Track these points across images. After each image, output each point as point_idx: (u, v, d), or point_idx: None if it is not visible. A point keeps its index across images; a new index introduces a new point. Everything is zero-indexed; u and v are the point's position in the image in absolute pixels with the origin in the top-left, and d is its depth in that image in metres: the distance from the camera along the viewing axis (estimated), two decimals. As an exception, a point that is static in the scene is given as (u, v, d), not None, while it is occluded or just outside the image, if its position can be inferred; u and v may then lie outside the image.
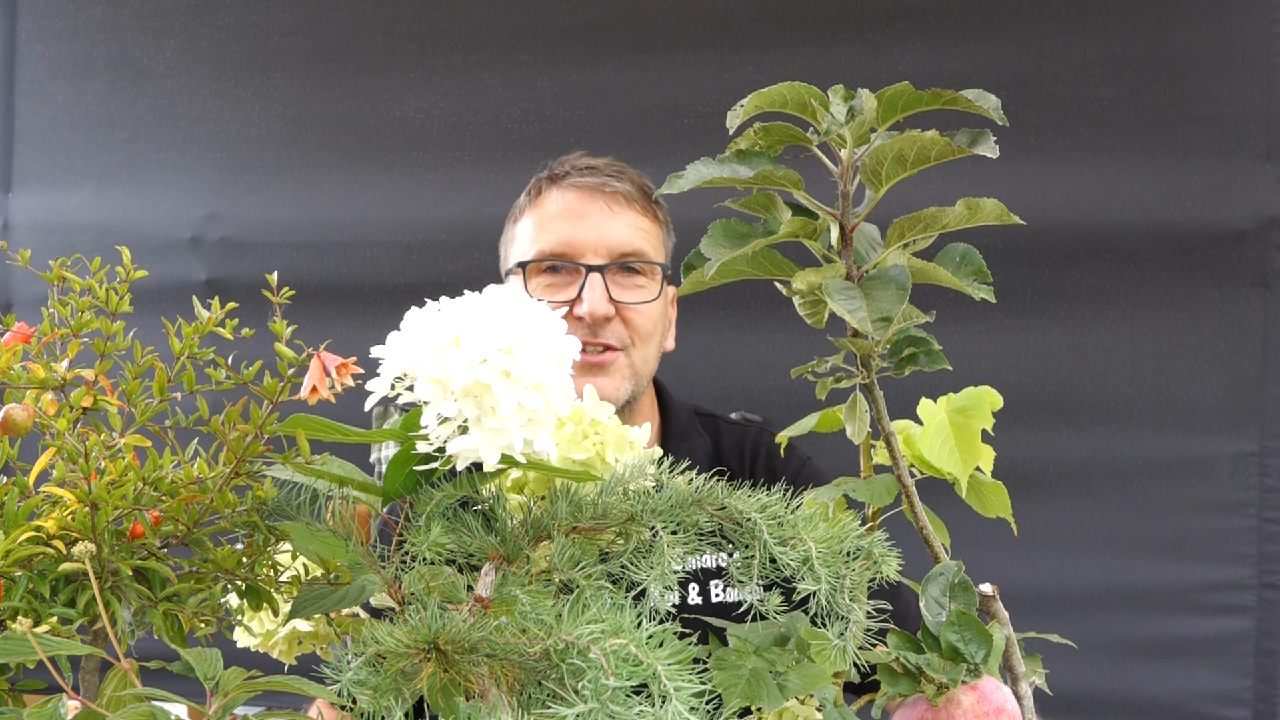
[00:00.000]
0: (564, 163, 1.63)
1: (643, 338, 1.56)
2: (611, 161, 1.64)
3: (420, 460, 0.86)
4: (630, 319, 1.55)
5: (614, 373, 1.54)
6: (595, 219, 1.56)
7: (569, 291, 1.53)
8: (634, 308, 1.55)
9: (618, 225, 1.56)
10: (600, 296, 1.52)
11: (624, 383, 1.55)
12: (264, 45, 2.75)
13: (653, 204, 1.62)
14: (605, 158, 1.65)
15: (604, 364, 1.53)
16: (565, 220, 1.56)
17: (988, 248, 0.96)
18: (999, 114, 0.92)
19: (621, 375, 1.55)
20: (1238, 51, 2.41)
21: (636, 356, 1.56)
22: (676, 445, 1.63)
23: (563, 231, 1.55)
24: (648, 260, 1.57)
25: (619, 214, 1.57)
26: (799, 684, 0.91)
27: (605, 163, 1.63)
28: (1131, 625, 2.41)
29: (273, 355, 0.83)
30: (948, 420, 1.02)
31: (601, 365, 1.53)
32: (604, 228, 1.56)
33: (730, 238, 0.95)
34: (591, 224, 1.56)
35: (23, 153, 2.86)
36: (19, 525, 0.79)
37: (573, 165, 1.61)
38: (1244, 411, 2.40)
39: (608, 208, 1.57)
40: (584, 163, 1.62)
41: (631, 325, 1.55)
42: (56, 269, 0.89)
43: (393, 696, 0.75)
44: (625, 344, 1.54)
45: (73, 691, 0.77)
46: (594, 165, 1.61)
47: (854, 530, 0.90)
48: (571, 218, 1.56)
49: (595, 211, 1.56)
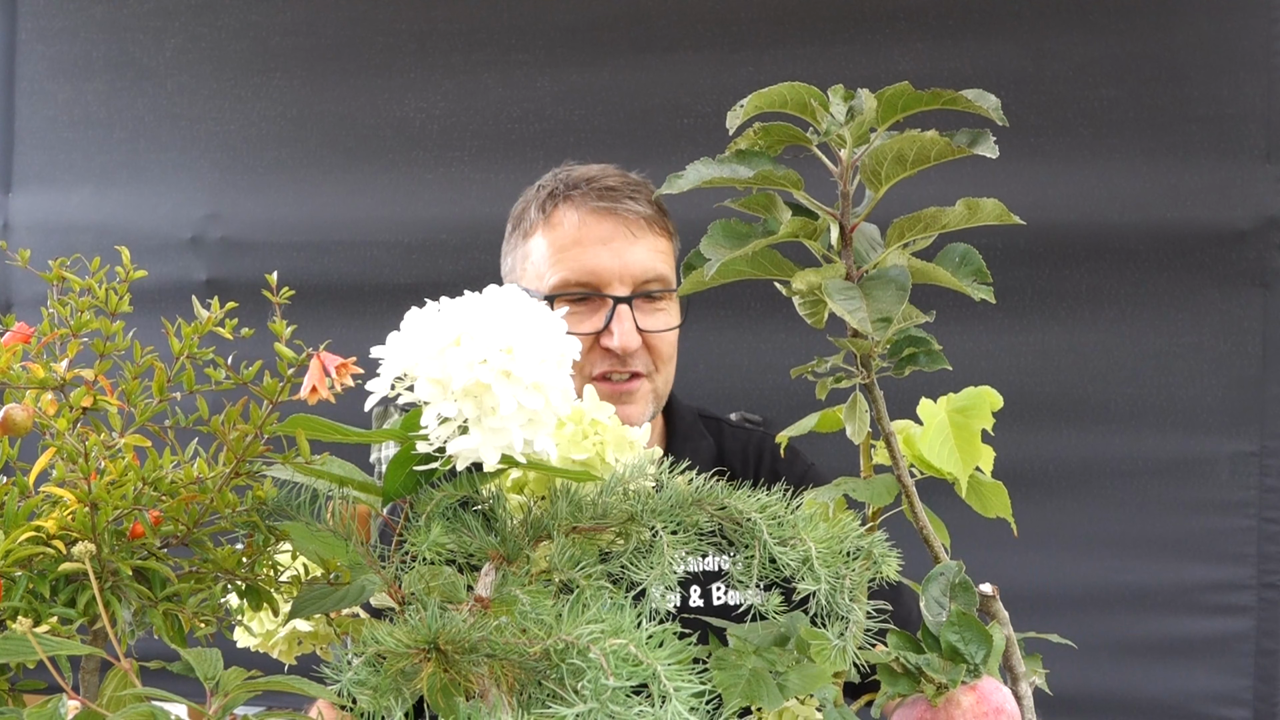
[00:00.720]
0: (573, 175, 1.60)
1: (664, 361, 1.58)
2: (623, 176, 1.60)
3: (420, 460, 0.86)
4: (654, 345, 1.56)
5: (639, 399, 1.56)
6: (617, 245, 1.54)
7: (594, 321, 1.53)
8: (658, 334, 1.56)
9: (640, 251, 1.55)
10: (630, 330, 1.52)
11: (648, 407, 1.57)
12: (264, 45, 2.75)
13: (665, 219, 1.60)
14: (612, 168, 1.62)
15: (631, 391, 1.55)
16: (588, 247, 1.54)
17: (988, 248, 0.96)
18: (999, 114, 0.92)
19: (645, 401, 1.57)
20: (1238, 51, 2.41)
21: (659, 380, 1.58)
22: (680, 446, 1.63)
23: (586, 260, 1.53)
24: (669, 287, 1.58)
25: (640, 239, 1.55)
26: (799, 684, 0.91)
27: (619, 179, 1.59)
28: (1131, 625, 2.41)
29: (273, 355, 0.83)
30: (948, 420, 1.02)
31: (630, 393, 1.55)
32: (627, 255, 1.54)
33: (730, 238, 0.95)
34: (614, 251, 1.54)
35: (23, 153, 2.86)
36: (19, 525, 0.79)
37: (585, 180, 1.58)
38: (1244, 411, 2.40)
39: (629, 233, 1.55)
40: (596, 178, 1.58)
41: (655, 351, 1.56)
42: (56, 269, 0.89)
43: (393, 696, 0.75)
44: (649, 370, 1.56)
45: (73, 691, 0.77)
46: (611, 186, 1.57)
47: (854, 530, 0.90)
48: (594, 244, 1.54)
49: (617, 237, 1.54)
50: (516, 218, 1.63)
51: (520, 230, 1.61)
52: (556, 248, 1.55)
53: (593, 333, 1.52)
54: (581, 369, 1.52)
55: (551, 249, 1.55)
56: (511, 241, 1.63)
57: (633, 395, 1.55)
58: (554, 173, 1.62)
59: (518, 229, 1.62)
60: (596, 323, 1.53)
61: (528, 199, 1.62)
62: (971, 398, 1.03)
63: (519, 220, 1.62)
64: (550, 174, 1.63)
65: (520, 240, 1.61)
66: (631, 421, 1.49)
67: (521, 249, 1.60)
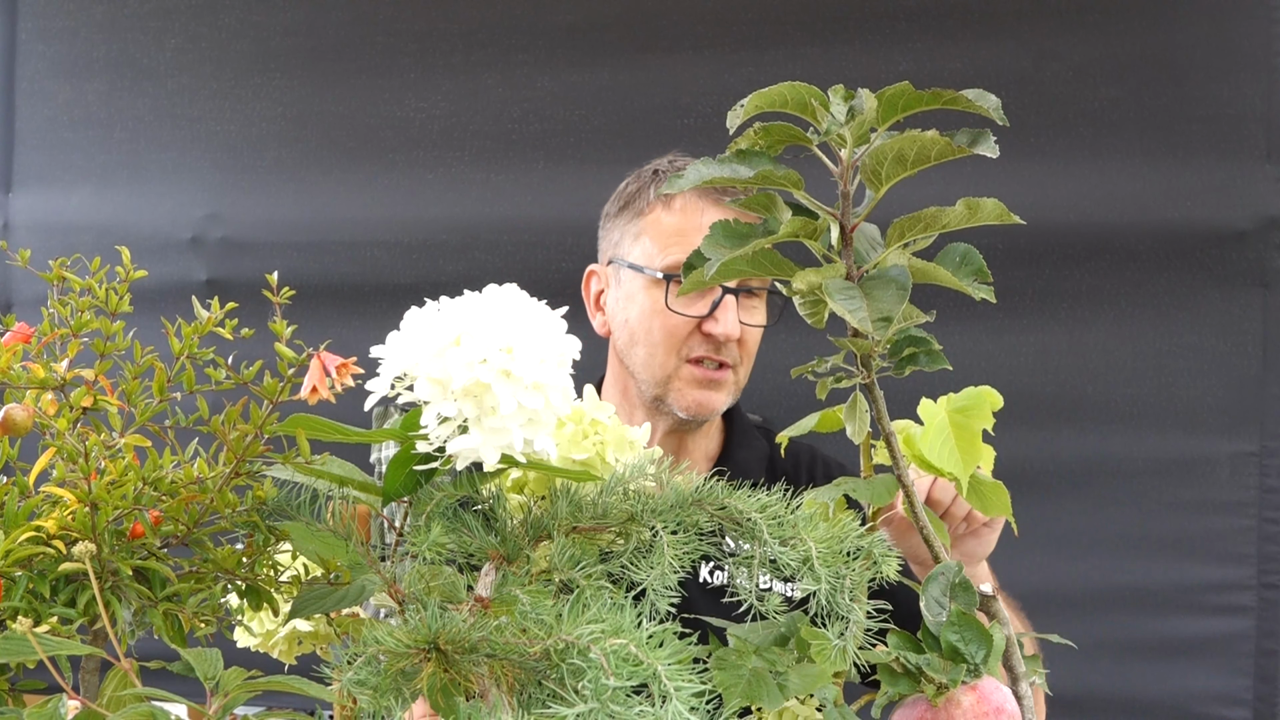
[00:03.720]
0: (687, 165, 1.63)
1: (749, 356, 1.63)
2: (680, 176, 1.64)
3: (420, 460, 0.86)
4: (745, 339, 1.61)
5: (724, 388, 1.61)
6: None
7: (701, 306, 1.58)
8: (751, 329, 1.61)
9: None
10: (734, 320, 1.57)
11: (729, 398, 1.63)
12: (264, 45, 2.75)
13: None
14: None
15: (720, 380, 1.60)
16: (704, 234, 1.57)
17: (988, 248, 0.96)
18: (999, 114, 0.92)
19: (729, 391, 1.62)
20: (1238, 51, 2.41)
21: (741, 373, 1.63)
22: (738, 443, 1.71)
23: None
24: (766, 286, 1.62)
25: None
26: (799, 684, 0.91)
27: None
28: (1131, 625, 2.41)
29: (273, 355, 0.83)
30: (948, 420, 1.02)
31: (719, 381, 1.60)
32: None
33: (730, 238, 0.95)
34: None
35: (23, 153, 2.86)
36: (19, 525, 0.79)
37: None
38: (1244, 411, 2.40)
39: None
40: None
41: (744, 345, 1.61)
42: (56, 269, 0.89)
43: (393, 696, 0.75)
44: (736, 361, 1.61)
45: (73, 691, 0.77)
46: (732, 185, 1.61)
47: (854, 530, 0.90)
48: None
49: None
50: (628, 196, 1.67)
51: (633, 209, 1.65)
52: (675, 230, 1.60)
53: (698, 317, 1.57)
54: (679, 350, 1.58)
55: (670, 230, 1.61)
56: (621, 219, 1.67)
57: (720, 384, 1.60)
58: (669, 160, 1.68)
59: (629, 207, 1.66)
60: (702, 308, 1.57)
61: (643, 181, 1.66)
62: (972, 398, 1.03)
63: (631, 199, 1.66)
64: (665, 161, 1.68)
65: (634, 217, 1.65)
66: (714, 408, 1.61)
67: (634, 226, 1.65)
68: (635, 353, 1.62)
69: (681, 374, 1.59)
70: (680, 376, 1.59)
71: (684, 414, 1.59)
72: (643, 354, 1.61)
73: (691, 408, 1.59)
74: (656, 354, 1.59)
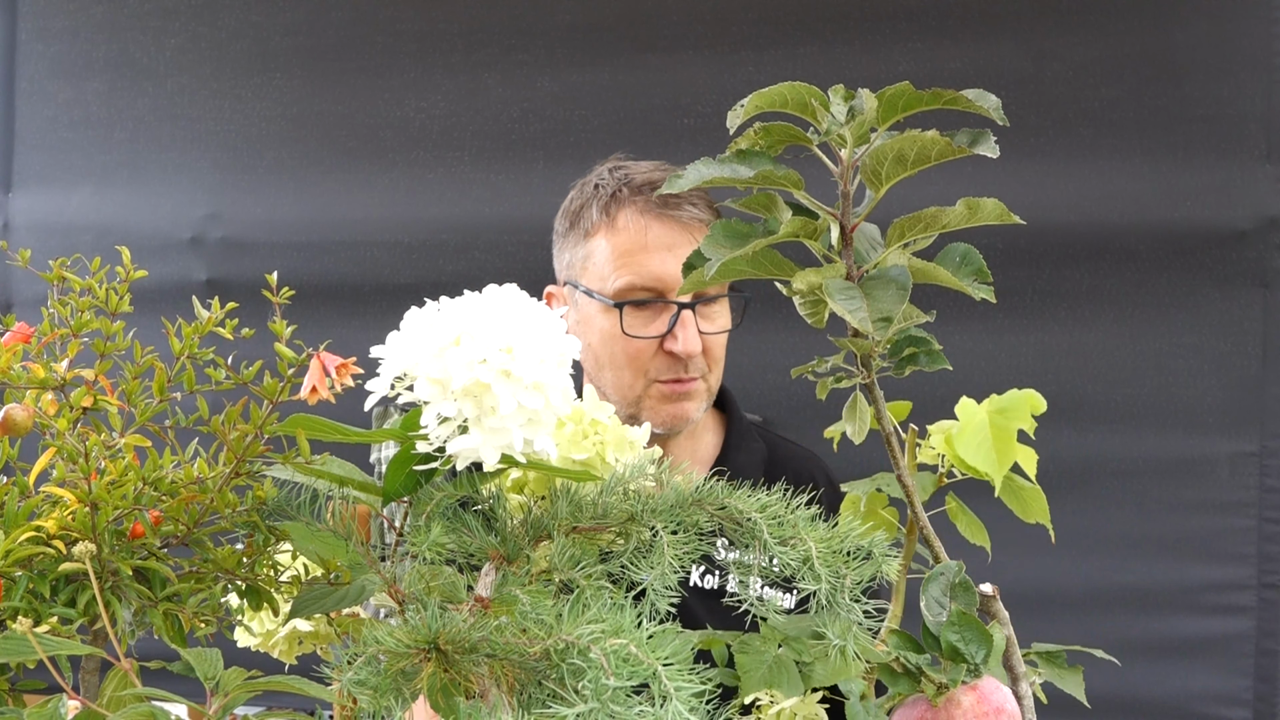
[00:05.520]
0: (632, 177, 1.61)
1: (716, 362, 1.63)
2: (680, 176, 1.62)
3: (420, 460, 0.86)
4: (709, 347, 1.60)
5: (695, 398, 1.61)
6: (681, 251, 1.55)
7: (658, 325, 1.57)
8: (713, 336, 1.60)
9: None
10: (693, 335, 1.57)
11: (701, 405, 1.62)
12: (264, 45, 2.75)
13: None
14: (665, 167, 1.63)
15: (690, 390, 1.60)
16: (653, 253, 1.57)
17: (988, 248, 0.96)
18: (999, 114, 0.92)
19: (699, 400, 1.62)
20: (1238, 51, 2.41)
21: (712, 379, 1.63)
22: (737, 444, 1.70)
23: (652, 266, 1.57)
24: (725, 291, 1.62)
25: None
26: (824, 674, 0.91)
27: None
28: (1131, 625, 2.41)
29: (273, 355, 0.83)
30: (988, 420, 1.02)
31: (689, 392, 1.60)
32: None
33: (730, 238, 0.95)
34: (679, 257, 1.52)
35: (23, 153, 2.86)
36: (19, 525, 0.79)
37: (648, 185, 1.60)
38: (1244, 411, 2.40)
39: (692, 239, 1.56)
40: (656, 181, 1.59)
41: (710, 353, 1.61)
42: (56, 269, 0.89)
43: (393, 696, 0.75)
44: (703, 371, 1.61)
45: (73, 691, 0.77)
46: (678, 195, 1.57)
47: (854, 530, 0.90)
48: (659, 250, 1.57)
49: (681, 243, 1.57)
50: (574, 215, 1.64)
51: (580, 229, 1.63)
52: (621, 251, 1.58)
53: (657, 336, 1.57)
54: (645, 371, 1.58)
55: (616, 252, 1.58)
56: (569, 239, 1.65)
57: (691, 394, 1.60)
58: (609, 169, 1.64)
59: (575, 227, 1.63)
60: (660, 327, 1.57)
61: (585, 197, 1.63)
62: (1014, 399, 1.03)
63: (577, 218, 1.63)
64: (605, 171, 1.64)
65: (580, 239, 1.63)
66: (689, 418, 1.61)
67: (582, 248, 1.62)
68: (603, 376, 1.61)
69: (651, 393, 1.59)
70: (650, 395, 1.59)
71: (660, 429, 1.59)
72: (610, 377, 1.60)
73: (667, 422, 1.59)
74: (623, 377, 1.59)
